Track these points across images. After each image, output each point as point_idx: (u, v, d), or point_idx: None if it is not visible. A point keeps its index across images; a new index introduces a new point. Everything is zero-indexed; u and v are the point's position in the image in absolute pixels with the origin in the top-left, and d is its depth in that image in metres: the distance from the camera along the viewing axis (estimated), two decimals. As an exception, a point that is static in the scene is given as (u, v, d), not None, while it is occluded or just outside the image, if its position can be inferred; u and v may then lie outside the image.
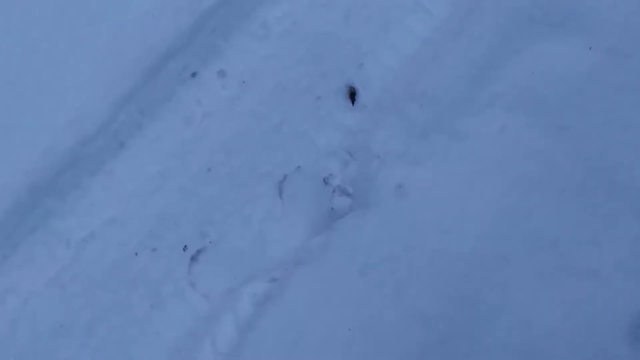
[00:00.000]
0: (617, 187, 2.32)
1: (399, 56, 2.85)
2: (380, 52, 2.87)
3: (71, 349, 2.38)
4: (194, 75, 2.77)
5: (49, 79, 2.63)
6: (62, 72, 2.64)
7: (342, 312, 2.29)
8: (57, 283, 2.46)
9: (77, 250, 2.51)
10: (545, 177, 2.41)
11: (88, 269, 2.49)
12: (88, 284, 2.47)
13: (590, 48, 2.58)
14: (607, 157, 2.38)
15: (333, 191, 2.60)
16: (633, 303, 2.07)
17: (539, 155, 2.45)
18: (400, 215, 2.43)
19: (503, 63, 2.70)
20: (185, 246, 2.54)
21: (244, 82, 2.78)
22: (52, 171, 2.51)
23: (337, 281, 2.34)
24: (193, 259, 2.52)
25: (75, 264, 2.50)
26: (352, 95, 2.77)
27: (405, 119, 2.67)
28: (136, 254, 2.52)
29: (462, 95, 2.67)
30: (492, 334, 2.17)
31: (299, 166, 2.66)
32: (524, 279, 2.25)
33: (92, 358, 2.38)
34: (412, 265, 2.34)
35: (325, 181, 2.63)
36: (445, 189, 2.47)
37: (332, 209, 2.57)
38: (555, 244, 2.29)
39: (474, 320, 2.21)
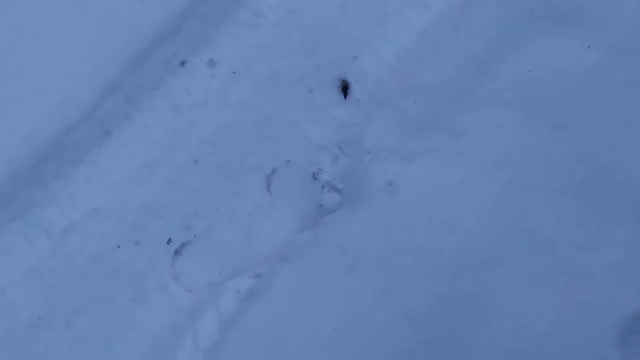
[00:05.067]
0: (615, 188, 2.33)
1: (396, 49, 2.87)
2: (377, 45, 2.88)
3: (50, 341, 2.40)
4: (183, 64, 2.77)
5: (33, 63, 2.63)
6: (47, 56, 2.64)
7: (329, 311, 2.31)
8: (36, 274, 2.47)
9: (57, 241, 2.52)
10: (542, 176, 2.42)
11: (69, 261, 2.50)
12: (68, 276, 2.48)
13: (589, 47, 2.57)
14: (606, 157, 2.39)
15: (322, 187, 2.61)
16: (625, 308, 2.08)
17: (537, 154, 2.46)
18: (391, 212, 2.44)
19: (502, 58, 2.70)
20: (170, 239, 2.55)
21: (234, 72, 2.78)
22: (34, 159, 2.51)
23: (324, 278, 2.36)
24: (177, 252, 2.53)
25: (56, 255, 2.51)
26: (345, 89, 2.77)
27: (400, 113, 2.68)
28: (119, 246, 2.53)
29: (460, 91, 2.68)
30: (482, 336, 2.19)
31: (288, 160, 2.67)
32: (517, 281, 2.26)
33: (71, 350, 2.40)
34: (402, 264, 2.35)
35: (315, 176, 2.64)
36: (439, 186, 2.48)
37: (321, 205, 2.57)
38: (551, 245, 2.30)
39: (464, 322, 2.22)
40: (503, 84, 2.63)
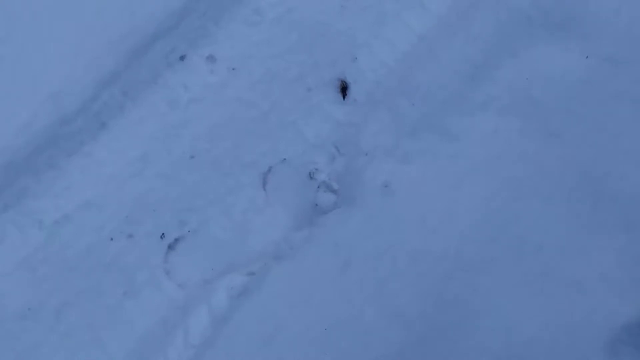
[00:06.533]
0: (606, 197, 2.35)
1: (394, 51, 2.87)
2: (375, 46, 2.88)
3: (38, 333, 2.37)
4: (182, 58, 2.75)
5: (29, 52, 2.59)
6: (44, 45, 2.60)
7: (321, 310, 2.31)
8: (27, 265, 2.44)
9: (50, 232, 2.49)
10: (535, 182, 2.44)
11: (60, 252, 2.47)
12: (60, 268, 2.45)
13: (587, 57, 2.59)
14: (598, 166, 2.41)
15: (318, 186, 2.61)
16: (614, 316, 2.10)
17: (530, 160, 2.48)
18: (385, 213, 2.45)
19: (499, 64, 2.72)
20: (163, 234, 2.52)
21: (233, 68, 2.76)
22: (28, 149, 2.48)
23: (317, 277, 2.36)
24: (170, 247, 2.52)
25: (48, 246, 2.47)
26: (344, 89, 2.76)
27: (397, 115, 2.68)
28: (111, 239, 2.50)
29: (456, 95, 2.69)
30: (471, 338, 2.20)
31: (284, 158, 2.65)
32: (506, 284, 2.28)
33: (60, 343, 2.37)
34: (395, 265, 2.36)
35: (311, 176, 2.63)
36: (433, 189, 2.49)
37: (316, 204, 2.57)
38: (541, 250, 2.32)
39: (453, 323, 2.24)
40: (499, 89, 2.65)
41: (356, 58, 2.81)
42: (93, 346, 2.38)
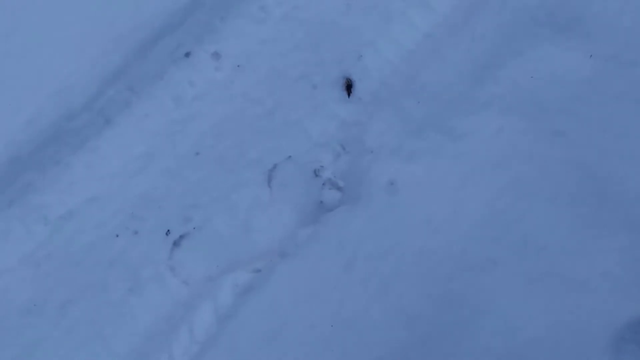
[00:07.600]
0: (609, 197, 2.35)
1: (399, 50, 2.87)
2: (380, 44, 2.88)
3: (42, 329, 2.38)
4: (187, 55, 2.74)
5: (34, 47, 2.60)
6: (49, 41, 2.61)
7: (325, 307, 2.31)
8: (31, 260, 2.45)
9: (54, 228, 2.49)
10: (539, 182, 2.44)
11: (65, 248, 2.48)
12: (64, 263, 2.46)
13: (590, 56, 2.59)
14: (601, 166, 2.41)
15: (323, 184, 2.61)
16: (618, 315, 2.11)
17: (534, 160, 2.48)
18: (390, 211, 2.45)
19: (504, 64, 2.72)
20: (169, 230, 2.52)
21: (239, 65, 2.76)
22: (33, 144, 2.49)
23: (322, 275, 2.36)
24: (175, 243, 2.51)
25: (52, 242, 2.48)
26: (349, 87, 2.76)
27: (402, 113, 2.68)
28: (117, 235, 2.50)
29: (461, 94, 2.69)
30: (474, 338, 2.20)
31: (290, 156, 2.65)
32: (510, 284, 2.28)
33: (64, 339, 2.37)
34: (399, 264, 2.36)
35: (316, 173, 2.62)
36: (437, 188, 2.49)
37: (322, 201, 2.57)
38: (544, 250, 2.32)
39: (457, 323, 2.24)
40: (503, 89, 2.65)
41: (361, 56, 2.82)
42: (96, 342, 2.38)
